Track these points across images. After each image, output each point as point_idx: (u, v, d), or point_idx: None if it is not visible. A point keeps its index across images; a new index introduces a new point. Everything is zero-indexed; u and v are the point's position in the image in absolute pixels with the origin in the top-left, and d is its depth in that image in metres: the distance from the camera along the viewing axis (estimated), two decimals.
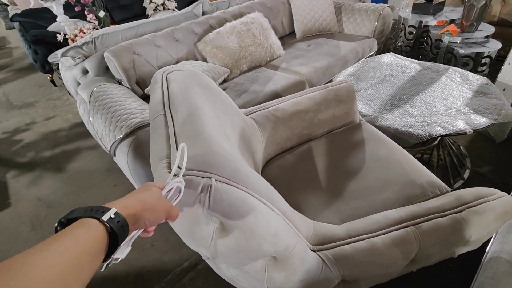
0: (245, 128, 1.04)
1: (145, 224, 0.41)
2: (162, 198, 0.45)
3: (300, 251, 0.61)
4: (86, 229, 0.33)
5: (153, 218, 0.41)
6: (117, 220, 0.36)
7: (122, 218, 0.37)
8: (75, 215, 0.35)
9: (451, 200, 0.76)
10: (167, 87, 0.78)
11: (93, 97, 1.45)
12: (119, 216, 0.36)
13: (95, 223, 0.34)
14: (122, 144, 1.16)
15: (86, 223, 0.34)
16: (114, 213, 0.36)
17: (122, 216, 0.37)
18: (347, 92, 1.25)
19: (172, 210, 0.45)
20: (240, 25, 1.92)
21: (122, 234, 0.36)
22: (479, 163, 1.58)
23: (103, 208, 0.36)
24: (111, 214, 0.36)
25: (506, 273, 0.74)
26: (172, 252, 1.36)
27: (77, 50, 1.70)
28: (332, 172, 1.07)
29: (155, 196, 0.43)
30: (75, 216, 0.35)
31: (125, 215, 0.37)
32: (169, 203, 0.45)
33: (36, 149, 2.26)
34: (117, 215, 0.36)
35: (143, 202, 0.41)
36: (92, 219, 0.34)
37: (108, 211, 0.36)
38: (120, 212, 0.37)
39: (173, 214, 0.45)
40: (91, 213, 0.35)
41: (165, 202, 0.45)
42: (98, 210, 0.36)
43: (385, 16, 2.14)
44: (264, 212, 0.54)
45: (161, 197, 0.45)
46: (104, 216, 0.35)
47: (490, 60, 1.87)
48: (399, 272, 0.73)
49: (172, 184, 0.47)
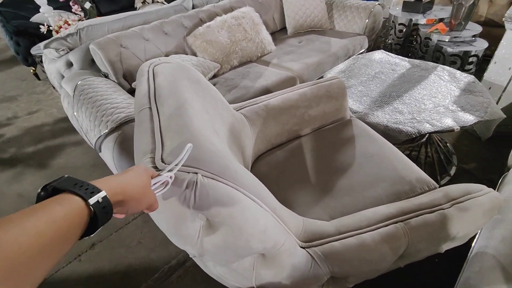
0: (235, 123, 1.02)
1: (126, 211, 0.39)
2: (150, 189, 0.43)
3: (289, 248, 0.60)
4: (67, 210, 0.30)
5: (135, 207, 0.40)
6: (103, 206, 0.33)
7: (109, 205, 0.34)
8: (62, 186, 0.32)
9: (440, 196, 0.76)
10: (154, 79, 0.76)
11: (78, 91, 1.40)
12: (107, 201, 0.34)
13: (80, 205, 0.32)
14: (108, 139, 1.12)
15: (71, 201, 0.31)
16: (102, 197, 0.34)
17: (109, 202, 0.34)
18: (338, 89, 1.24)
19: (155, 205, 0.44)
20: (231, 20, 1.89)
21: (104, 220, 0.34)
22: (465, 160, 1.61)
23: (93, 188, 0.34)
24: (99, 197, 0.33)
25: (491, 267, 0.75)
26: (159, 249, 1.33)
27: (61, 41, 1.63)
28: (322, 168, 1.06)
29: (144, 186, 0.42)
30: (61, 187, 0.32)
31: (112, 201, 0.35)
32: (154, 196, 0.44)
33: (18, 145, 2.17)
34: (105, 200, 0.34)
35: (132, 189, 0.39)
36: (78, 198, 0.32)
37: (97, 193, 0.33)
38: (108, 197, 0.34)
39: (153, 207, 0.44)
40: (80, 190, 0.32)
41: (151, 194, 0.43)
42: (88, 189, 0.33)
43: (376, 14, 2.15)
44: (252, 208, 0.53)
45: (149, 187, 0.43)
46: (92, 198, 0.32)
47: (477, 59, 1.90)
48: (387, 268, 0.73)
49: (164, 177, 0.46)
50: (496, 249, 0.79)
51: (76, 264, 1.32)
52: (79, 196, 0.32)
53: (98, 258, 1.33)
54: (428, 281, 1.12)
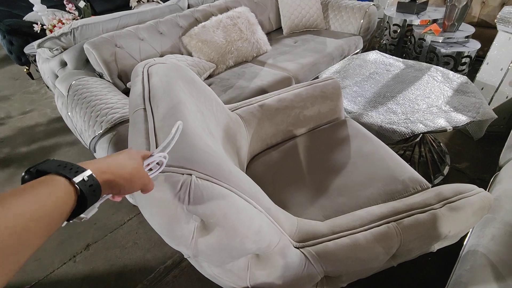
0: (230, 124, 1.02)
1: (119, 192, 0.38)
2: (142, 169, 0.42)
3: (283, 248, 0.60)
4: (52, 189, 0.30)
5: (128, 188, 0.39)
6: (89, 184, 0.33)
7: (95, 183, 0.34)
8: (46, 168, 0.32)
9: (432, 196, 0.77)
10: (148, 80, 0.76)
11: (72, 91, 1.39)
12: (93, 179, 0.33)
13: (65, 184, 0.31)
14: (102, 139, 1.12)
15: (55, 181, 0.31)
16: (88, 176, 0.33)
17: (96, 181, 0.34)
18: (333, 89, 1.25)
19: (149, 184, 0.43)
20: (226, 19, 1.89)
21: (92, 199, 0.34)
22: (458, 160, 1.63)
23: (78, 168, 0.33)
24: (84, 176, 0.32)
25: (482, 265, 0.76)
26: (155, 250, 1.33)
27: (55, 41, 1.62)
28: (317, 169, 1.07)
29: (135, 166, 0.41)
30: (45, 169, 0.32)
31: (100, 180, 0.34)
32: (147, 176, 0.43)
33: (12, 145, 2.15)
34: (91, 178, 0.33)
35: (122, 169, 0.38)
36: (63, 178, 0.31)
37: (82, 172, 0.33)
38: (95, 176, 0.34)
39: (148, 187, 0.43)
40: (64, 170, 0.32)
41: (144, 174, 0.42)
42: (72, 169, 0.32)
43: (371, 14, 2.16)
44: (246, 209, 0.53)
45: (141, 168, 0.42)
46: (76, 177, 0.32)
47: (470, 60, 1.93)
48: (380, 266, 0.74)
49: (157, 157, 0.45)
50: (486, 247, 0.81)
51: (71, 265, 1.31)
52: (63, 176, 0.31)
53: (93, 259, 1.33)
54: (421, 280, 1.13)
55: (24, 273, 1.31)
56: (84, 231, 1.46)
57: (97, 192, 0.34)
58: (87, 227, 1.47)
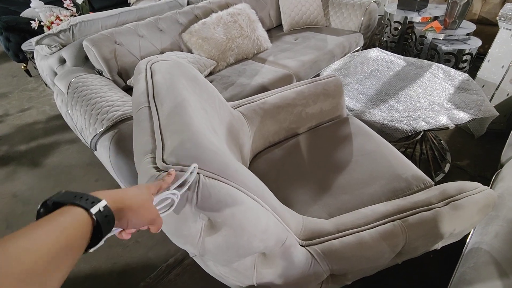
0: (233, 121, 1.02)
1: (126, 225, 0.38)
2: (151, 204, 0.42)
3: (290, 247, 0.60)
4: (72, 220, 0.30)
5: (136, 221, 0.39)
6: (105, 214, 0.33)
7: (110, 213, 0.34)
8: (62, 199, 0.32)
9: (436, 194, 0.77)
10: (152, 77, 0.75)
11: (72, 88, 1.38)
12: (108, 210, 0.34)
13: (83, 215, 0.32)
14: (104, 138, 1.11)
15: (73, 212, 0.31)
16: (103, 206, 0.34)
17: (111, 211, 0.34)
18: (335, 86, 1.25)
19: (157, 220, 0.42)
20: (226, 16, 1.88)
21: (107, 228, 0.34)
22: (459, 157, 1.63)
23: (93, 198, 0.34)
24: (100, 206, 0.33)
25: (486, 262, 0.77)
26: (157, 248, 1.33)
27: (53, 38, 1.60)
28: (320, 166, 1.07)
29: (145, 200, 0.41)
30: (62, 201, 0.32)
31: (113, 210, 0.35)
32: (156, 211, 0.43)
33: (10, 143, 2.13)
34: (106, 209, 0.34)
35: (131, 200, 0.39)
36: (80, 209, 0.32)
37: (98, 202, 0.33)
38: (109, 206, 0.34)
39: (157, 224, 0.43)
40: (81, 201, 0.32)
41: (153, 209, 0.42)
42: (88, 200, 0.33)
43: (371, 11, 2.15)
44: (254, 208, 0.53)
45: (150, 202, 0.42)
46: (93, 208, 0.32)
47: (471, 57, 1.93)
48: (385, 264, 0.74)
49: (167, 195, 0.44)
50: (490, 244, 0.81)
51: None
52: (81, 207, 0.32)
53: (94, 258, 1.32)
54: (423, 277, 1.14)
55: None
56: None
57: (111, 222, 0.35)
58: None
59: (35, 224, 0.28)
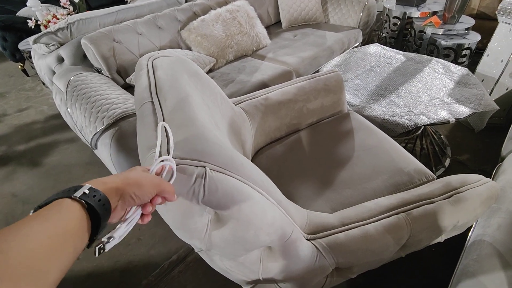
0: (234, 117, 1.02)
1: (133, 199, 0.38)
2: (148, 173, 0.42)
3: (296, 240, 0.60)
4: (58, 209, 0.31)
5: (140, 192, 0.38)
6: (93, 195, 0.33)
7: (99, 193, 0.34)
8: (48, 200, 0.32)
9: (439, 186, 0.77)
10: (154, 73, 0.74)
11: (71, 87, 1.37)
12: (95, 191, 0.34)
13: (68, 202, 0.32)
14: (104, 136, 1.11)
15: (58, 203, 0.31)
16: (88, 189, 0.33)
17: (99, 191, 0.34)
18: (336, 82, 1.24)
19: (162, 184, 0.41)
20: (225, 13, 1.87)
21: (102, 209, 0.34)
22: (459, 151, 1.64)
23: (76, 187, 0.34)
24: (84, 190, 0.33)
25: (489, 254, 0.77)
26: (159, 245, 1.33)
27: (51, 36, 1.59)
28: (322, 162, 1.07)
29: (139, 172, 0.41)
30: (47, 201, 0.32)
31: (103, 190, 0.34)
32: (157, 177, 0.42)
33: (9, 143, 2.12)
34: (92, 190, 0.33)
35: (125, 177, 0.38)
36: (65, 199, 0.32)
37: (80, 188, 0.33)
38: (96, 188, 0.34)
39: (165, 188, 0.41)
40: (63, 193, 0.33)
41: (152, 176, 0.41)
42: (70, 190, 0.33)
43: (370, 7, 2.15)
44: (260, 201, 0.53)
45: (146, 172, 0.42)
46: (76, 193, 0.32)
47: (470, 52, 1.93)
48: (390, 257, 0.75)
49: (159, 161, 0.44)
50: (492, 236, 0.81)
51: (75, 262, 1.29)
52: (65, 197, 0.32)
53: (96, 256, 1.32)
54: (426, 270, 1.14)
55: None
56: None
57: (105, 202, 0.34)
58: None
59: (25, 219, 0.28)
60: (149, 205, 0.40)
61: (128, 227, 0.38)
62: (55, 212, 0.30)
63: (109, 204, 0.35)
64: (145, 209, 0.40)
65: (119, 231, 0.37)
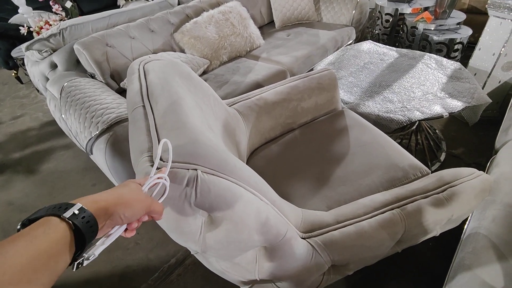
0: (228, 119, 1.02)
1: (121, 220, 0.37)
2: (141, 192, 0.42)
3: (291, 239, 0.60)
4: (44, 229, 0.30)
5: (129, 213, 0.38)
6: (82, 216, 0.33)
7: (88, 214, 0.33)
8: (37, 215, 0.32)
9: (433, 181, 0.78)
10: (145, 77, 0.74)
11: (65, 92, 1.36)
12: (85, 211, 0.33)
13: (56, 221, 0.31)
14: (99, 141, 1.10)
15: (46, 222, 0.31)
16: (78, 209, 0.33)
17: (88, 212, 0.33)
18: (330, 80, 1.25)
19: (153, 205, 0.42)
20: (218, 14, 1.87)
21: (89, 231, 0.33)
22: (454, 146, 1.65)
23: (67, 204, 0.33)
24: (74, 210, 0.32)
25: (485, 247, 0.78)
26: (158, 249, 1.33)
27: (44, 43, 1.58)
28: (318, 160, 1.07)
29: (131, 190, 0.41)
30: (36, 216, 0.32)
31: (93, 210, 0.34)
32: (149, 197, 0.42)
33: (4, 151, 2.11)
34: (82, 211, 0.33)
35: (117, 196, 0.38)
36: (53, 217, 0.31)
37: (71, 206, 0.33)
38: (86, 208, 0.33)
39: (155, 209, 0.42)
40: (53, 210, 0.32)
41: (144, 196, 0.41)
42: (61, 207, 0.33)
43: (362, 5, 2.16)
44: (253, 201, 0.53)
45: (139, 191, 0.41)
46: (66, 212, 0.32)
47: (462, 46, 1.94)
48: (386, 253, 0.75)
49: (154, 179, 0.44)
50: (488, 229, 0.82)
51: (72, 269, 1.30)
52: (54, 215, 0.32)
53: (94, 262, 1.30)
54: (423, 264, 1.15)
55: None
56: None
57: (92, 223, 0.33)
58: None
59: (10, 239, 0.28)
60: (135, 222, 0.40)
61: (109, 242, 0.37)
62: (41, 233, 0.30)
63: (96, 226, 0.34)
64: (131, 225, 0.40)
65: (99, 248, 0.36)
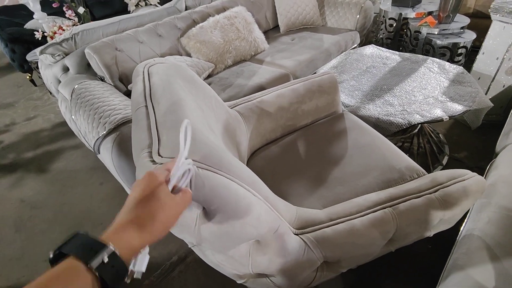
0: (229, 120, 1.05)
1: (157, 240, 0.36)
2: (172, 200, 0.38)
3: (283, 234, 0.63)
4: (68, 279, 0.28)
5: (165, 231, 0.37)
6: (111, 265, 0.29)
7: (118, 262, 0.30)
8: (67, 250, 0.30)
9: (427, 182, 0.80)
10: (149, 79, 0.79)
11: (75, 94, 1.43)
12: (116, 259, 0.30)
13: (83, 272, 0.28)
14: (106, 140, 1.15)
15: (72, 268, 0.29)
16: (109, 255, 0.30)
17: (119, 260, 0.30)
18: (330, 83, 1.27)
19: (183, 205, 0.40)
20: (223, 20, 1.92)
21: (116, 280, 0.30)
22: (456, 149, 1.64)
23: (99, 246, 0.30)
24: (104, 257, 0.29)
25: (478, 248, 0.78)
26: (159, 247, 1.36)
27: (57, 47, 1.66)
28: (316, 161, 1.09)
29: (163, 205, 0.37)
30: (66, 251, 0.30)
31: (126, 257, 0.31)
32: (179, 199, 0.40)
33: (17, 151, 2.20)
34: (113, 258, 0.30)
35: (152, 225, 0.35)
36: (80, 265, 0.29)
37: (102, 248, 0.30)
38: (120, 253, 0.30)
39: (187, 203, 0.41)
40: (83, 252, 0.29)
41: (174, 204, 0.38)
42: (92, 248, 0.30)
43: (367, 9, 2.18)
44: (246, 196, 0.56)
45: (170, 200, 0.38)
46: (94, 260, 0.29)
47: (466, 50, 1.94)
48: (378, 252, 0.77)
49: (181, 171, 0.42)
50: (482, 230, 0.83)
51: None
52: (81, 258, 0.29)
53: None
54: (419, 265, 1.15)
55: (30, 277, 1.34)
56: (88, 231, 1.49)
57: (121, 272, 0.31)
58: (92, 227, 1.50)
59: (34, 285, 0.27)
60: None
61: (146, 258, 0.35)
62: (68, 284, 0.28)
63: (125, 273, 0.32)
64: None
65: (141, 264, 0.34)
